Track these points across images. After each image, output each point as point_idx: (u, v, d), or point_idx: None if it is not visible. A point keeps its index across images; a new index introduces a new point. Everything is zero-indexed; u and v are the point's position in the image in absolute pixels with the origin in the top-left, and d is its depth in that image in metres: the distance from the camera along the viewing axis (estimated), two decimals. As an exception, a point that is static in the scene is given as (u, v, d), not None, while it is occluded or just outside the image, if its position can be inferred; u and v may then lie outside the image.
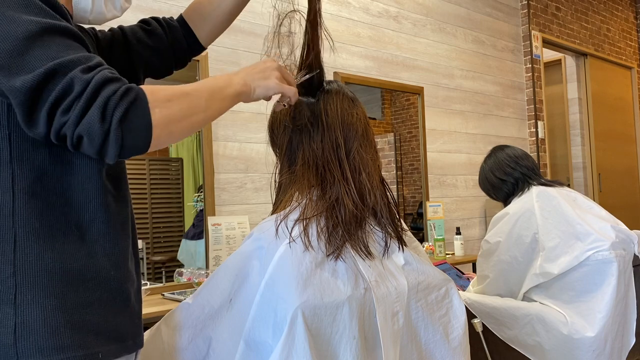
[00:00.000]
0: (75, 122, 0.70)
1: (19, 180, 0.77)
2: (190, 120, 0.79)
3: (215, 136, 2.54)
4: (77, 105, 0.70)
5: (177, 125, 0.77)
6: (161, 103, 0.75)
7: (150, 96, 0.74)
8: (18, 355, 0.72)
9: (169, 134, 0.76)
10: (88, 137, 0.71)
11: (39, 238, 0.76)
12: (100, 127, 0.70)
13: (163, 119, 0.75)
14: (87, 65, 0.73)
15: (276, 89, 0.95)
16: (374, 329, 0.93)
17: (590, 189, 4.86)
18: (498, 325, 1.81)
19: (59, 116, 0.71)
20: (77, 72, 0.71)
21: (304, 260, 0.91)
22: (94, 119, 0.70)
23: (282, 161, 1.08)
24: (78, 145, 0.73)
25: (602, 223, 1.82)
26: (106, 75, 0.72)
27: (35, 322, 0.73)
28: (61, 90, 0.70)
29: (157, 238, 2.44)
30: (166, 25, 1.15)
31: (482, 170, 2.11)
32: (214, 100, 0.84)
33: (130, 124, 0.72)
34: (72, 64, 0.72)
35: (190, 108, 0.79)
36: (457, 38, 3.87)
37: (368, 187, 1.01)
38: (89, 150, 0.73)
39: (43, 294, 0.75)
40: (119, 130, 0.71)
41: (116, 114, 0.71)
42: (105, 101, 0.70)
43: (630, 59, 5.66)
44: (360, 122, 1.07)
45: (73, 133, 0.71)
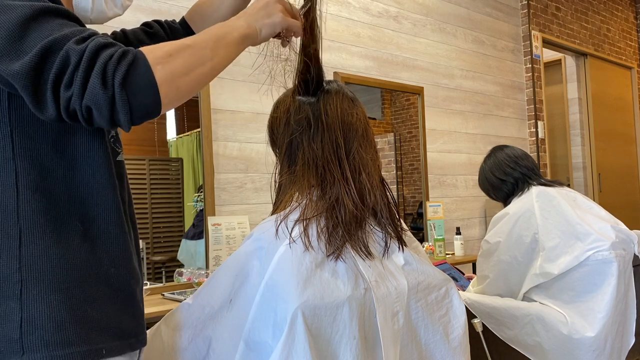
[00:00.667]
0: (79, 94, 0.69)
1: (22, 177, 0.77)
2: (196, 72, 0.77)
3: (215, 136, 2.54)
4: (77, 77, 0.69)
5: (183, 79, 0.75)
6: (162, 59, 0.73)
7: (149, 54, 0.73)
8: (24, 349, 0.73)
9: (177, 90, 0.74)
10: (95, 107, 0.70)
11: (44, 233, 0.77)
12: (104, 93, 0.69)
13: (167, 75, 0.73)
14: (80, 36, 0.72)
15: (283, 24, 0.91)
16: (374, 329, 0.93)
17: (590, 189, 4.87)
18: (498, 325, 1.81)
19: (63, 92, 0.70)
20: (71, 44, 0.70)
21: (304, 260, 0.91)
22: (95, 86, 0.69)
23: (282, 161, 1.08)
24: (89, 118, 0.72)
25: (602, 223, 1.82)
26: (100, 42, 0.72)
27: (41, 317, 0.74)
28: (59, 66, 0.70)
29: (157, 238, 2.44)
30: (168, 28, 1.15)
31: (482, 170, 2.11)
32: (219, 48, 0.81)
33: (133, 85, 0.70)
34: (65, 39, 0.71)
35: (194, 59, 0.77)
36: (457, 38, 3.87)
37: (368, 187, 1.01)
38: (101, 121, 0.72)
39: (48, 289, 0.75)
40: (123, 93, 0.69)
41: (117, 77, 0.69)
42: (103, 66, 0.69)
43: (630, 59, 5.66)
44: (360, 122, 1.07)
45: (81, 106, 0.70)
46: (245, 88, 2.66)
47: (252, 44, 0.89)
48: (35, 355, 0.72)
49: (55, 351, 0.73)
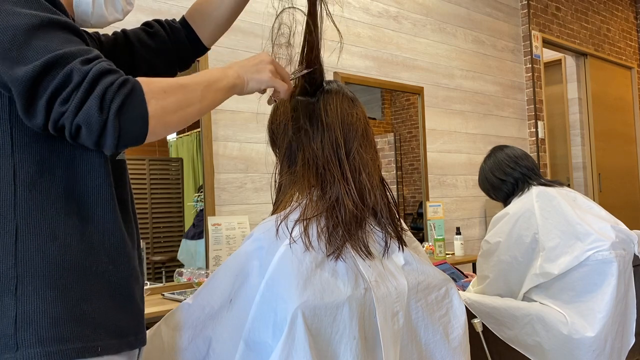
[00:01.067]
0: (74, 112, 0.72)
1: (20, 173, 0.78)
2: (185, 111, 0.81)
3: (215, 136, 2.54)
4: (75, 96, 0.72)
5: (172, 116, 0.79)
6: (157, 94, 0.77)
7: (146, 87, 0.76)
8: (18, 345, 0.73)
9: (165, 124, 0.78)
10: (87, 127, 0.72)
11: (40, 230, 0.77)
12: (99, 117, 0.72)
13: (159, 110, 0.77)
14: (85, 57, 0.74)
15: (269, 83, 0.97)
16: (374, 329, 0.93)
17: (590, 189, 4.86)
18: (498, 325, 1.81)
19: (58, 106, 0.72)
20: (76, 64, 0.73)
21: (304, 260, 0.92)
22: (92, 109, 0.72)
23: (282, 161, 1.08)
24: (76, 136, 0.74)
25: (602, 223, 1.82)
26: (104, 67, 0.74)
27: (36, 313, 0.74)
28: (60, 81, 0.72)
29: (157, 238, 2.44)
30: (168, 27, 1.15)
31: (482, 170, 2.11)
32: (209, 92, 0.86)
33: (127, 115, 0.73)
34: (72, 56, 0.73)
35: (185, 99, 0.81)
36: (457, 38, 3.87)
37: (368, 187, 1.01)
38: (87, 141, 0.74)
39: (44, 285, 0.75)
40: (116, 121, 0.72)
41: (114, 105, 0.72)
42: (103, 92, 0.72)
43: (630, 59, 5.66)
44: (360, 122, 1.07)
45: (72, 123, 0.72)
46: (245, 88, 2.66)
47: (239, 93, 0.95)
48: (30, 351, 0.73)
49: (49, 347, 0.73)
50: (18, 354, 0.72)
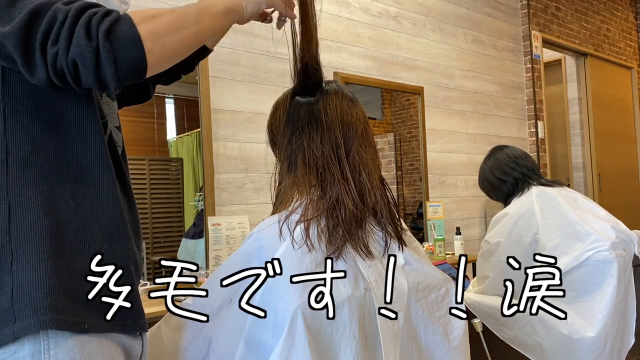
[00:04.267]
0: (65, 47, 0.71)
1: (13, 152, 0.78)
2: (181, 33, 0.80)
3: (215, 136, 2.54)
4: (62, 32, 0.71)
5: (168, 37, 0.78)
6: (145, 19, 0.76)
7: (133, 15, 0.76)
8: (15, 317, 0.73)
9: (162, 46, 0.76)
10: (81, 60, 0.71)
11: (34, 206, 0.78)
12: (88, 44, 0.71)
13: (150, 32, 0.75)
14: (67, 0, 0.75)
15: (266, 2, 0.95)
16: (374, 329, 0.93)
17: (590, 189, 4.86)
18: (498, 325, 1.81)
19: (50, 48, 0.72)
20: (59, 5, 0.73)
21: (304, 260, 0.92)
22: (80, 38, 0.71)
23: (282, 161, 1.08)
24: (77, 76, 0.73)
25: (602, 223, 1.82)
26: (86, 2, 0.75)
27: (30, 285, 0.75)
28: (46, 24, 0.72)
29: (157, 238, 2.44)
30: None
31: (482, 170, 2.11)
32: (204, 16, 0.84)
33: (117, 38, 0.72)
34: (53, 2, 0.74)
35: (178, 22, 0.80)
36: (457, 38, 3.87)
37: (368, 186, 1.01)
38: (87, 77, 0.73)
39: (37, 258, 0.76)
40: (107, 44, 0.71)
41: (101, 29, 0.72)
42: (87, 20, 0.72)
43: (630, 59, 5.66)
44: (360, 122, 1.07)
45: (67, 61, 0.72)
46: (245, 88, 2.66)
47: (239, 20, 0.92)
48: (25, 322, 0.73)
49: (43, 316, 0.73)
50: (15, 327, 0.73)
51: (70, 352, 0.75)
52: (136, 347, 0.87)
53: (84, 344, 0.76)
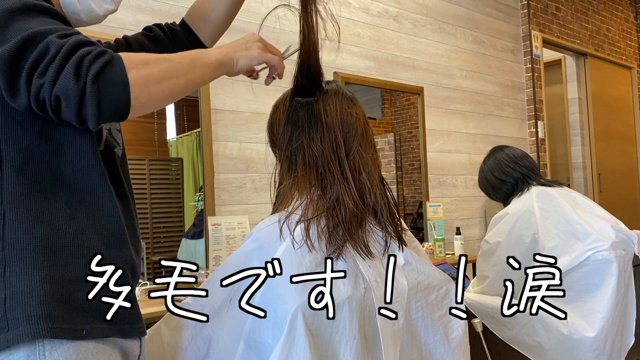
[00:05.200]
0: (51, 82, 0.71)
1: (7, 160, 0.78)
2: (170, 82, 0.80)
3: (215, 136, 2.54)
4: (51, 67, 0.71)
5: (156, 86, 0.78)
6: (138, 64, 0.76)
7: (126, 58, 0.75)
8: (9, 325, 0.73)
9: (148, 94, 0.76)
10: (64, 97, 0.71)
11: (28, 214, 0.78)
12: (75, 84, 0.71)
13: (140, 78, 0.75)
14: (63, 32, 0.75)
15: (259, 59, 0.96)
16: (374, 329, 0.93)
17: (590, 189, 4.86)
18: (498, 325, 1.81)
19: (36, 79, 0.72)
20: (53, 37, 0.73)
21: (304, 260, 0.92)
22: (68, 77, 0.71)
23: (282, 161, 1.08)
24: (58, 110, 0.73)
25: (602, 223, 1.82)
26: (81, 39, 0.74)
27: (23, 293, 0.74)
28: (37, 55, 0.72)
29: (157, 238, 2.44)
30: (168, 30, 1.17)
31: (482, 170, 2.11)
32: (195, 67, 0.85)
33: (106, 82, 0.72)
34: (49, 32, 0.74)
35: (169, 70, 0.80)
36: (457, 38, 3.87)
37: (368, 186, 1.01)
38: (68, 114, 0.73)
39: (31, 266, 0.76)
40: (94, 87, 0.71)
41: (91, 71, 0.72)
42: (79, 60, 0.72)
43: (630, 59, 5.66)
44: (360, 121, 1.07)
45: (50, 95, 0.72)
46: (245, 88, 2.66)
47: (229, 73, 0.94)
48: (19, 330, 0.73)
49: (37, 324, 0.73)
50: (9, 335, 0.73)
51: (66, 354, 0.75)
52: (134, 348, 0.87)
53: (80, 347, 0.76)
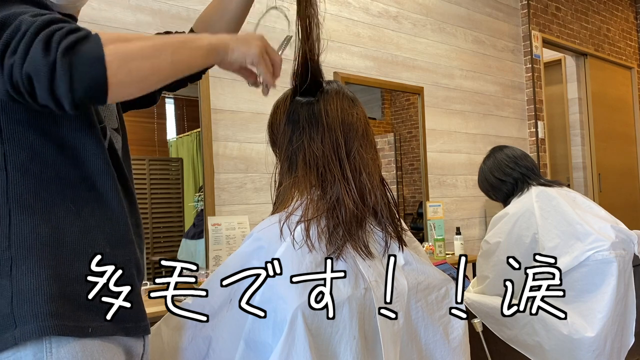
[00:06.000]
0: (21, 60, 0.66)
1: (11, 160, 0.78)
2: (152, 61, 0.72)
3: (215, 136, 2.54)
4: (21, 44, 0.67)
5: (136, 63, 0.70)
6: (116, 40, 0.70)
7: (104, 35, 0.70)
8: (16, 322, 0.74)
9: (128, 71, 0.69)
10: (35, 74, 0.66)
11: (34, 213, 0.78)
12: (44, 58, 0.65)
13: (118, 53, 0.68)
14: (38, 12, 0.71)
15: (254, 58, 0.88)
16: (374, 329, 0.93)
17: (590, 189, 4.86)
18: (498, 325, 1.81)
19: (7, 59, 0.67)
20: (26, 17, 0.69)
21: (304, 260, 0.92)
22: (37, 51, 0.66)
23: (282, 161, 1.08)
24: (31, 90, 0.67)
25: (602, 223, 1.82)
26: (54, 16, 0.70)
27: (31, 291, 0.75)
28: (9, 35, 0.68)
29: (157, 238, 2.44)
30: None
31: (482, 171, 2.11)
32: (185, 48, 0.78)
33: (78, 55, 0.66)
34: (23, 14, 0.70)
35: (152, 49, 0.73)
36: (457, 38, 3.87)
37: (368, 187, 1.01)
38: (41, 93, 0.67)
39: (37, 264, 0.76)
40: (64, 60, 0.65)
41: (62, 44, 0.66)
42: (49, 34, 0.67)
43: (630, 59, 5.65)
44: (360, 122, 1.07)
45: (21, 74, 0.66)
46: (245, 88, 2.66)
47: (221, 61, 0.86)
48: (26, 328, 0.74)
49: (44, 322, 0.74)
50: (17, 332, 0.73)
51: (72, 351, 0.75)
52: (137, 347, 0.87)
53: (85, 344, 0.77)
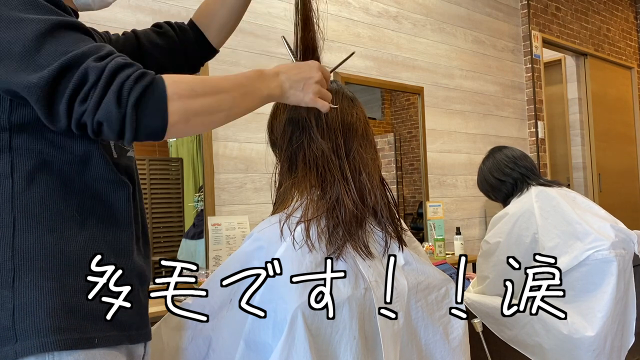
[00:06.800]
0: (93, 109, 0.73)
1: (18, 168, 0.78)
2: (212, 116, 0.81)
3: (215, 136, 2.54)
4: (93, 94, 0.72)
5: (196, 119, 0.78)
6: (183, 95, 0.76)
7: (171, 85, 0.76)
8: (17, 336, 0.73)
9: (186, 123, 0.77)
10: (107, 123, 0.73)
11: (38, 223, 0.78)
12: (117, 111, 0.72)
13: (181, 111, 0.76)
14: (99, 54, 0.75)
15: (309, 104, 0.94)
16: (374, 329, 0.93)
17: (590, 189, 4.86)
18: (498, 325, 1.81)
19: (78, 106, 0.73)
20: (91, 62, 0.73)
21: (304, 260, 0.92)
22: (110, 104, 0.72)
23: (282, 161, 1.08)
24: (99, 132, 0.75)
25: (602, 222, 1.82)
26: (119, 62, 0.75)
27: (32, 304, 0.74)
28: (77, 81, 0.72)
29: (157, 238, 2.44)
30: (177, 28, 1.17)
31: (481, 171, 2.11)
32: (244, 100, 0.85)
33: (144, 109, 0.74)
34: (85, 55, 0.74)
35: (215, 104, 0.80)
36: (457, 38, 3.87)
37: (368, 187, 1.01)
38: (109, 135, 0.75)
39: (41, 276, 0.76)
40: (133, 114, 0.73)
41: (131, 97, 0.73)
42: (120, 86, 0.73)
43: (630, 59, 5.65)
44: (360, 122, 1.07)
45: (93, 120, 0.73)
46: (245, 88, 2.66)
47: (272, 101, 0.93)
48: (27, 342, 0.73)
49: (46, 337, 0.73)
50: (17, 346, 0.73)
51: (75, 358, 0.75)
52: (139, 349, 0.88)
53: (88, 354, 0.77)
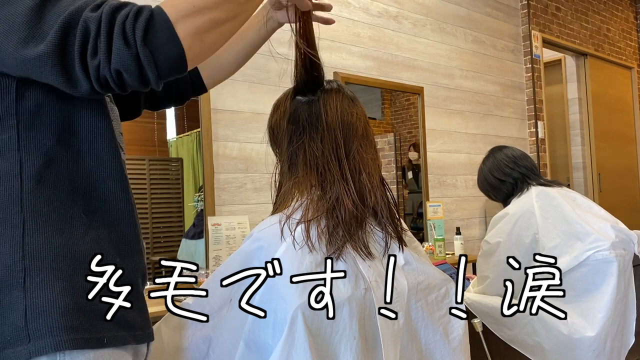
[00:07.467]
0: (106, 59, 0.71)
1: (27, 167, 0.78)
2: (223, 28, 0.77)
3: (215, 136, 2.54)
4: (100, 43, 0.71)
5: (208, 34, 0.76)
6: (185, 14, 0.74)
7: (170, 8, 0.73)
8: (30, 336, 0.73)
9: (201, 42, 0.75)
10: (124, 69, 0.71)
11: (47, 223, 0.77)
12: (129, 52, 0.70)
13: (190, 31, 0.73)
14: (93, 4, 0.73)
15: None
16: (374, 329, 0.93)
17: (590, 189, 4.86)
18: (498, 325, 1.81)
19: (90, 61, 0.71)
20: (88, 13, 0.72)
21: (304, 260, 0.92)
22: (120, 48, 0.70)
23: (282, 161, 1.08)
24: (122, 83, 0.73)
25: (602, 223, 1.82)
26: (113, 5, 0.73)
27: (45, 304, 0.74)
28: (81, 37, 0.71)
29: (157, 238, 2.44)
30: None
31: (481, 171, 2.11)
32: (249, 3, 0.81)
33: (155, 42, 0.71)
34: (81, 10, 0.72)
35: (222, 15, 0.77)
36: (457, 38, 3.87)
37: (368, 187, 1.01)
38: (133, 82, 0.73)
39: (52, 276, 0.76)
40: (145, 50, 0.71)
41: (137, 34, 0.71)
42: (122, 27, 0.71)
43: (630, 59, 5.65)
44: (360, 121, 1.07)
45: (110, 72, 0.71)
46: (245, 88, 2.66)
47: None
48: (41, 342, 0.73)
49: (59, 336, 0.73)
50: (30, 346, 0.73)
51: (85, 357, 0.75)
52: (142, 348, 0.88)
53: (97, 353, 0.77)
